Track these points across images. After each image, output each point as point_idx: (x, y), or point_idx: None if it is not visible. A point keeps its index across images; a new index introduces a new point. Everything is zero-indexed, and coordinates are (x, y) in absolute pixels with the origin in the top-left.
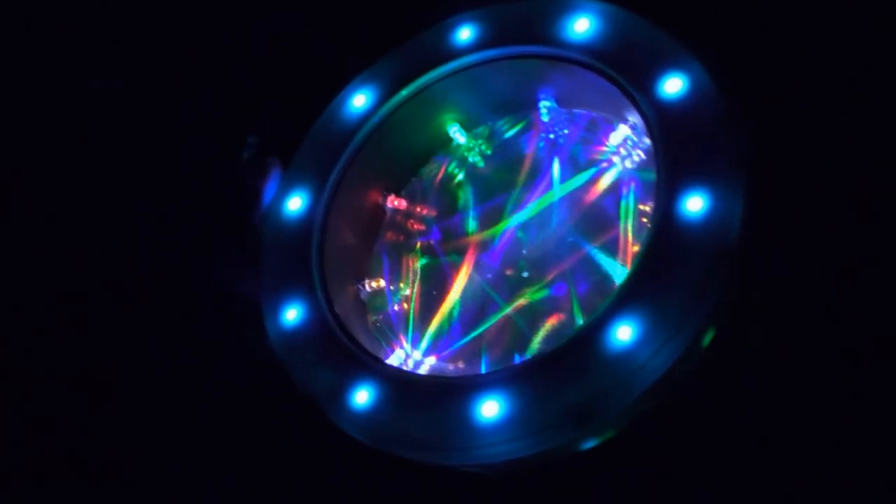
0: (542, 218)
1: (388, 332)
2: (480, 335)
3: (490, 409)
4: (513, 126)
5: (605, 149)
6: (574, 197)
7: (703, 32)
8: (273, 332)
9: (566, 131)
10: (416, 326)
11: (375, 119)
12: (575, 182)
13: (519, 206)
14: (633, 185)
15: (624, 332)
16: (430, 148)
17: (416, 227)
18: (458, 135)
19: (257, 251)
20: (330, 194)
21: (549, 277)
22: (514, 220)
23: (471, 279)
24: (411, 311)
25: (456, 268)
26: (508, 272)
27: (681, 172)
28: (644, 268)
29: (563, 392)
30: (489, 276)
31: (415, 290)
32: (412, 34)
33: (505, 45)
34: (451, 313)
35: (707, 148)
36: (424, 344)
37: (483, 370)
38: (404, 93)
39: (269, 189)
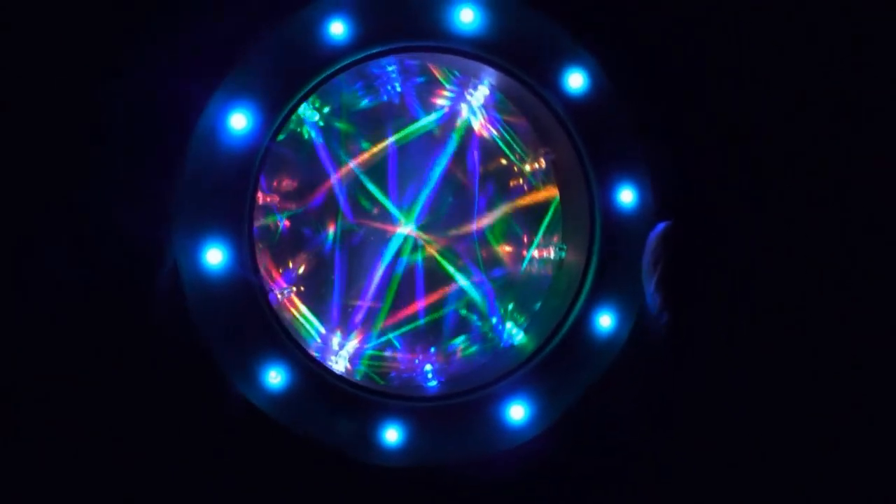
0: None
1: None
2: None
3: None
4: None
5: (446, 94)
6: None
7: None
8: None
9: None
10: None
11: (267, 140)
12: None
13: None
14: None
15: (604, 321)
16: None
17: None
18: (305, 112)
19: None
20: (250, 239)
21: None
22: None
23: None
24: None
25: (332, 252)
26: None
27: (609, 167)
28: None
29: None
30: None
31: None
32: (263, 31)
33: (390, 40)
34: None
35: (621, 142)
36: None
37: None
38: (291, 106)
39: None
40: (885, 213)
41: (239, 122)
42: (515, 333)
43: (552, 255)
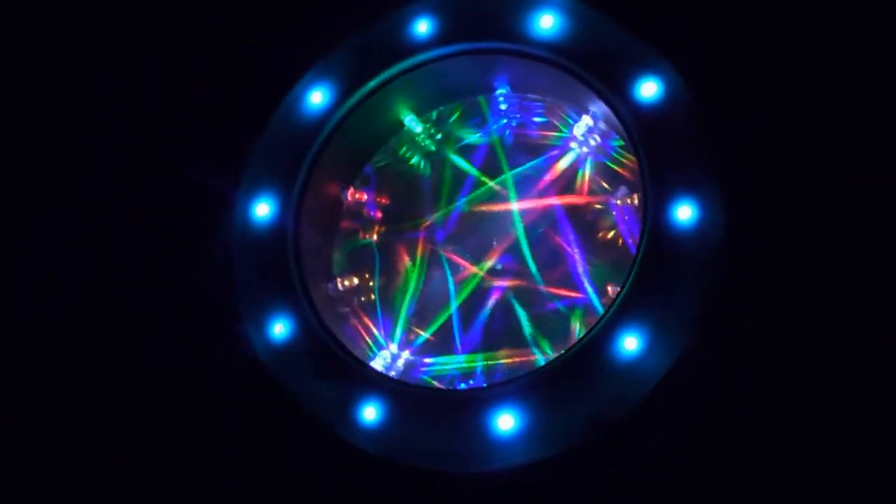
0: (495, 199)
1: (361, 326)
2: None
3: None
4: (466, 111)
5: (558, 134)
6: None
7: (669, 32)
8: (262, 348)
9: (518, 115)
10: (386, 316)
11: (336, 118)
12: (530, 167)
13: (472, 188)
14: (588, 168)
15: (630, 343)
16: (384, 136)
17: (371, 215)
18: (413, 124)
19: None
20: (298, 200)
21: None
22: (466, 204)
23: (430, 265)
24: (377, 301)
25: (414, 253)
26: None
27: (668, 182)
28: (643, 278)
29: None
30: (448, 260)
31: (377, 280)
32: (363, 25)
33: (466, 40)
34: (415, 299)
35: (688, 156)
36: (398, 334)
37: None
38: (364, 90)
39: None
40: None
41: (317, 97)
42: None
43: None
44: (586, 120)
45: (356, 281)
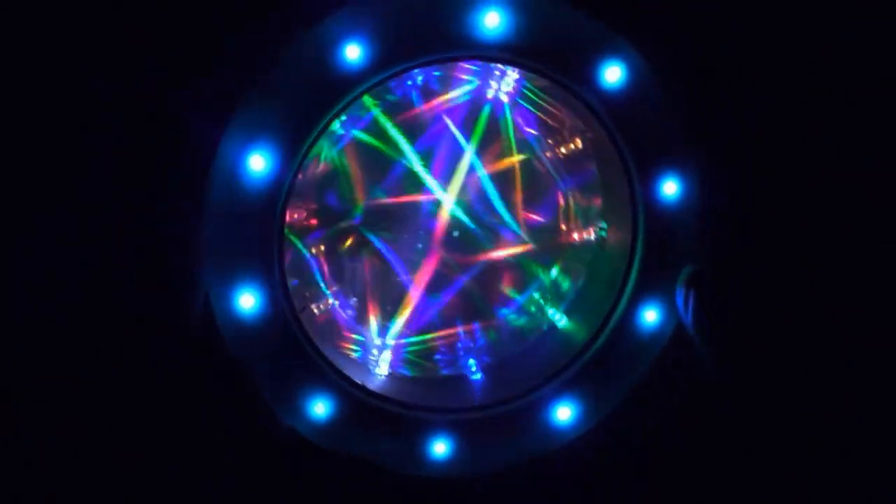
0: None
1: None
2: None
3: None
4: None
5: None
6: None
7: (622, 11)
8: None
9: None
10: (375, 316)
11: (288, 179)
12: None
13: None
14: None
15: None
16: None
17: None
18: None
19: None
20: (282, 280)
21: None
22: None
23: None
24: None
25: (360, 245)
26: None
27: (650, 160)
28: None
29: None
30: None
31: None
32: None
33: (412, 57)
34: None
35: (664, 133)
36: (373, 326)
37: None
38: (308, 143)
39: None
40: None
41: (258, 163)
42: (559, 318)
43: (592, 237)
44: (512, 75)
45: (331, 302)
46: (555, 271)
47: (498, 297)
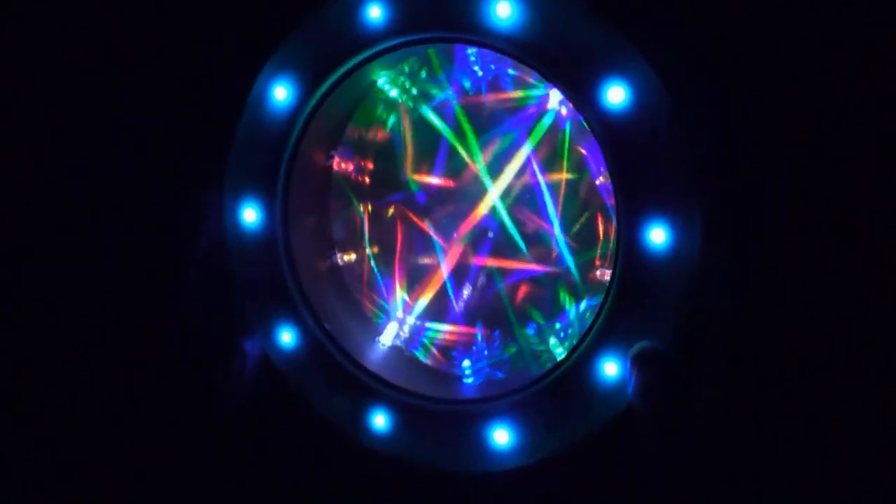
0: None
1: (364, 297)
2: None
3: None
4: (437, 63)
5: (534, 92)
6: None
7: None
8: (274, 356)
9: (493, 66)
10: (386, 283)
11: (305, 112)
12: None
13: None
14: (567, 131)
15: (610, 368)
16: (358, 100)
17: (358, 181)
18: (385, 85)
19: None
20: (282, 203)
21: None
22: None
23: (424, 234)
24: (375, 269)
25: (403, 219)
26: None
27: (640, 203)
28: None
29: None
30: (445, 228)
31: (368, 248)
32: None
33: (424, 29)
34: (409, 265)
35: (662, 171)
36: (399, 299)
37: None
38: (326, 86)
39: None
40: None
41: (281, 93)
42: (560, 352)
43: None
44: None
45: (354, 256)
46: (582, 305)
47: (523, 315)
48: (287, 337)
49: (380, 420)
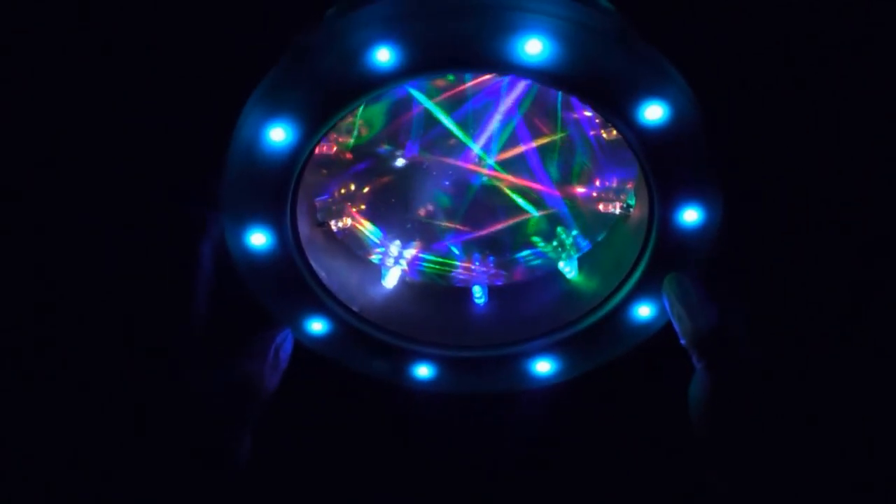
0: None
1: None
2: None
3: None
4: None
5: None
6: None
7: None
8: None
9: None
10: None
11: (305, 154)
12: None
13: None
14: None
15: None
16: None
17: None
18: None
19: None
20: (292, 225)
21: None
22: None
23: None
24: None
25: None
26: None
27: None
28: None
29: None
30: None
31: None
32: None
33: (441, 69)
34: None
35: (698, 184)
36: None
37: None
38: (328, 126)
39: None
40: None
41: (278, 135)
42: (569, 271)
43: (618, 210)
44: None
45: (347, 221)
46: (576, 231)
47: (521, 243)
48: (318, 326)
49: (423, 371)
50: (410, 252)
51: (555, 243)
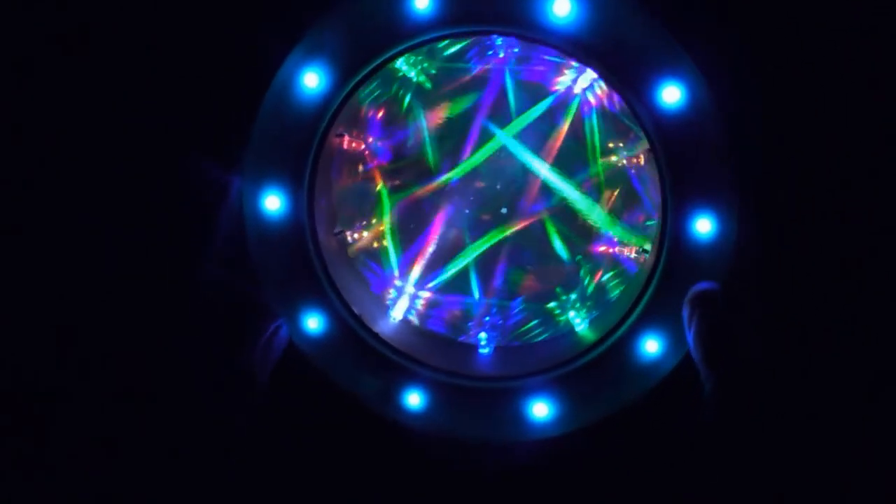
0: (507, 150)
1: (372, 266)
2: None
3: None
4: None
5: (562, 78)
6: (536, 127)
7: (696, 31)
8: (299, 341)
9: (517, 51)
10: (401, 259)
11: (335, 104)
12: (534, 111)
13: (478, 133)
14: (594, 117)
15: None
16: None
17: (374, 161)
18: (405, 66)
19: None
20: (308, 191)
21: (527, 217)
22: (481, 154)
23: (447, 214)
24: (391, 244)
25: (430, 201)
26: (485, 212)
27: (689, 194)
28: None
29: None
30: (466, 210)
31: (388, 224)
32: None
33: (476, 22)
34: (433, 245)
35: (711, 167)
36: (414, 276)
37: (476, 295)
38: (362, 74)
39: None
40: None
41: (311, 80)
42: (579, 323)
43: (633, 255)
44: (590, 73)
45: (365, 234)
46: (598, 280)
47: (543, 289)
48: (314, 323)
49: (414, 399)
50: (425, 295)
51: (574, 295)
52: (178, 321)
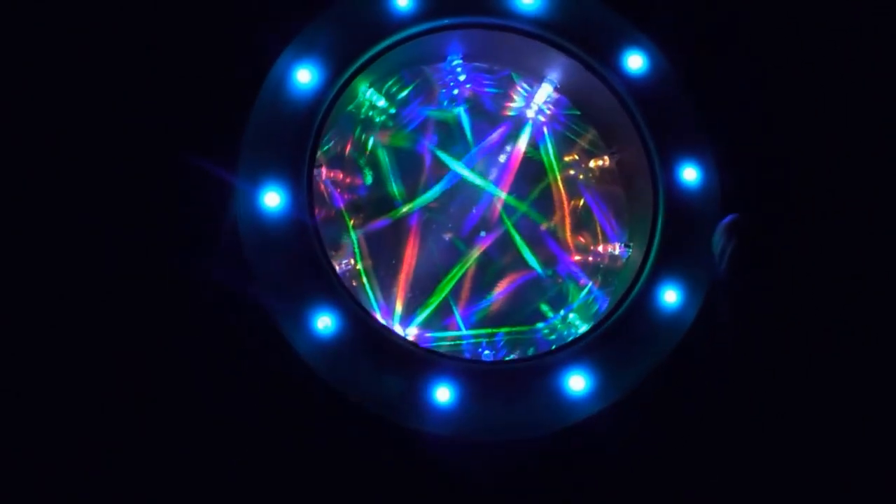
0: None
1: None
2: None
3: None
4: (412, 82)
5: (513, 105)
6: (494, 151)
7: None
8: (306, 343)
9: (469, 86)
10: (380, 297)
11: (328, 98)
12: (491, 138)
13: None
14: (548, 138)
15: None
16: (341, 107)
17: (348, 196)
18: (373, 96)
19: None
20: (307, 187)
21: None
22: (444, 183)
23: (422, 244)
24: (367, 283)
25: (400, 234)
26: (450, 235)
27: (669, 148)
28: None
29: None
30: (441, 238)
31: (364, 261)
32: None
33: (453, 14)
34: (411, 279)
35: (682, 121)
36: (398, 312)
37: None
38: (353, 68)
39: None
40: None
41: (304, 76)
42: (579, 325)
43: (618, 251)
44: (546, 88)
45: (350, 261)
46: (587, 291)
47: (533, 312)
48: (325, 322)
49: (443, 394)
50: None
51: (571, 313)
52: (178, 321)
